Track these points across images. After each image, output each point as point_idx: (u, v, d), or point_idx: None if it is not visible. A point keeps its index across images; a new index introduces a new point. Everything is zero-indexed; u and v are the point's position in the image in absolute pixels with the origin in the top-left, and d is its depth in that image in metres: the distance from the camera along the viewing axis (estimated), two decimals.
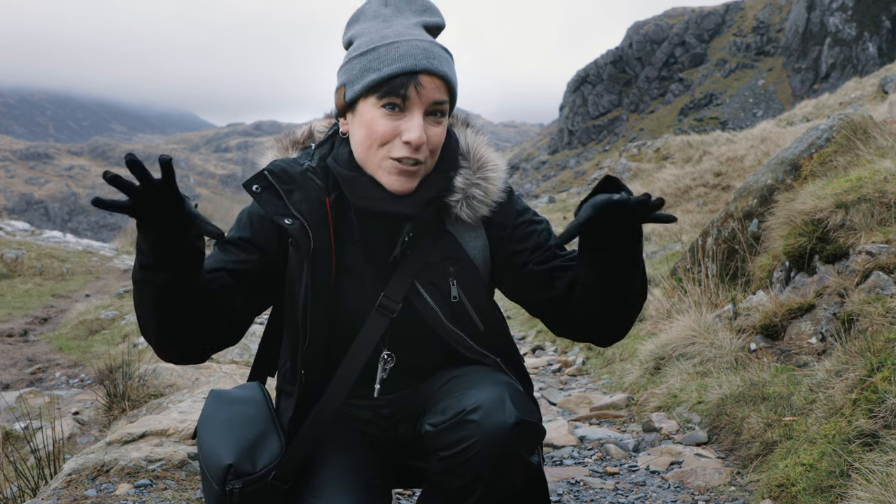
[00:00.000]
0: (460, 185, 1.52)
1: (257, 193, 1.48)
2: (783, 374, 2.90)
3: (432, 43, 1.45)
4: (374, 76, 1.41)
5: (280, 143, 1.63)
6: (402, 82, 1.39)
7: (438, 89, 1.43)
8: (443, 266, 1.52)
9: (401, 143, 1.41)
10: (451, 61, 1.48)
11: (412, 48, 1.41)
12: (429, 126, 1.43)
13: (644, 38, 59.98)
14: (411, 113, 1.41)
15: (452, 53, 1.51)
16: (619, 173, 15.32)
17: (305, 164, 1.51)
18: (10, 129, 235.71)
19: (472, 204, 1.52)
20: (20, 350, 5.92)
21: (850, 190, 3.34)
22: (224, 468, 1.43)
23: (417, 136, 1.40)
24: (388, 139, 1.42)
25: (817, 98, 20.88)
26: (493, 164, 1.55)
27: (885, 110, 8.23)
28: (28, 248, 10.34)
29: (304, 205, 1.47)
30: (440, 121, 1.45)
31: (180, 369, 3.91)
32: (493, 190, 1.54)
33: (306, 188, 1.49)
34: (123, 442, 2.45)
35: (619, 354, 4.66)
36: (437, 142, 1.45)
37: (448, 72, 1.44)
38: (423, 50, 1.42)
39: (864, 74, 30.46)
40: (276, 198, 1.48)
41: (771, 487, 2.18)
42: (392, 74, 1.39)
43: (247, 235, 1.52)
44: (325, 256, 1.50)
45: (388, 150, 1.42)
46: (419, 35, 1.45)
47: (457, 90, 1.48)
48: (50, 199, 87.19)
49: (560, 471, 2.72)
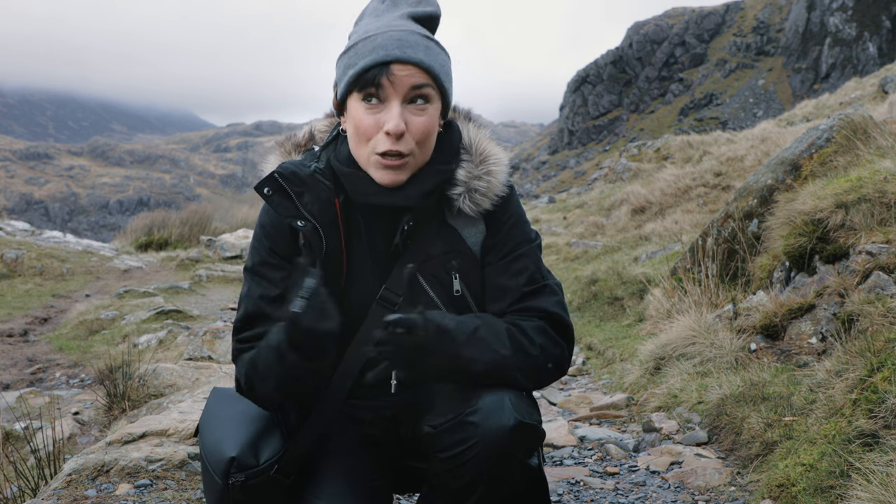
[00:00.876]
0: (462, 178, 1.52)
1: (269, 196, 1.50)
2: (783, 374, 2.90)
3: (410, 32, 1.44)
4: (351, 72, 1.43)
5: (282, 146, 1.63)
6: (374, 74, 1.40)
7: (414, 75, 1.42)
8: (445, 259, 1.53)
9: (383, 135, 1.42)
10: (434, 47, 1.46)
11: (386, 39, 1.42)
12: (410, 114, 1.43)
13: (644, 38, 59.97)
14: (389, 104, 1.42)
15: (439, 41, 1.50)
16: (619, 173, 15.32)
17: (313, 166, 1.52)
18: (10, 129, 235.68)
19: (474, 197, 1.52)
20: (20, 350, 5.93)
21: (851, 190, 3.34)
22: (227, 461, 1.44)
23: (394, 124, 1.40)
24: (371, 133, 1.43)
25: (817, 98, 20.87)
26: (495, 157, 1.56)
27: (885, 110, 8.23)
28: (28, 248, 10.34)
29: (314, 206, 1.49)
30: (423, 108, 1.44)
31: (180, 369, 3.90)
32: (495, 183, 1.54)
33: (316, 190, 1.50)
34: (123, 442, 2.45)
35: (620, 355, 4.66)
36: (421, 130, 1.44)
37: (423, 58, 1.42)
38: (396, 39, 1.42)
39: (864, 74, 30.45)
40: (288, 200, 1.49)
41: (771, 487, 2.18)
42: (365, 67, 1.41)
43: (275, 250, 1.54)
44: (337, 257, 1.51)
45: (373, 144, 1.43)
46: (401, 26, 1.45)
47: (441, 76, 1.46)
48: (50, 199, 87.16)
49: (560, 471, 2.72)
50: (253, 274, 1.55)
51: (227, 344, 4.66)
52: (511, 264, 1.54)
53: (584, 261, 8.55)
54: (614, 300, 6.18)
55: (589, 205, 13.19)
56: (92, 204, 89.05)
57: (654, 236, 8.67)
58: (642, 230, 9.34)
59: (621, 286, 6.25)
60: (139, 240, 13.54)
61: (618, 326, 5.56)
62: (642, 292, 5.72)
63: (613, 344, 4.97)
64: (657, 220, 9.59)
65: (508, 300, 1.53)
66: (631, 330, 5.23)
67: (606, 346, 4.98)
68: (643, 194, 11.13)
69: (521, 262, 1.55)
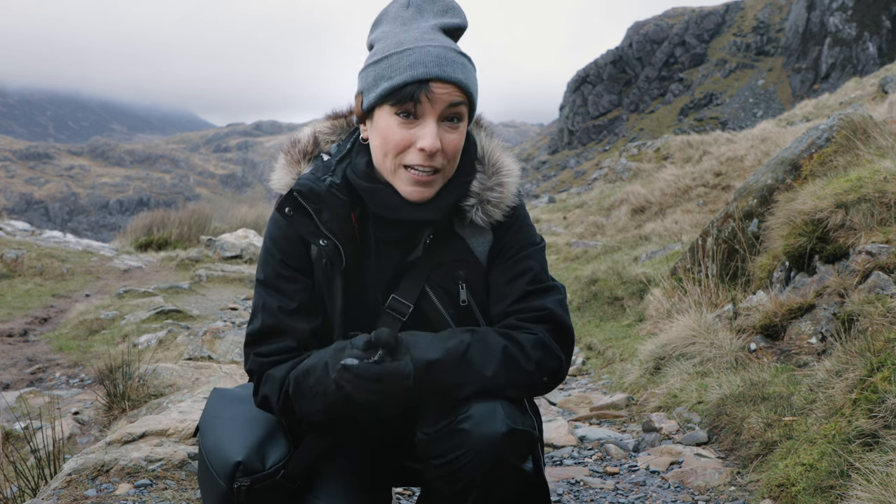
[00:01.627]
0: (476, 190, 1.52)
1: (290, 216, 1.50)
2: (783, 374, 2.90)
3: (446, 48, 1.43)
4: (386, 85, 1.41)
5: (289, 155, 1.61)
6: (412, 90, 1.39)
7: (451, 94, 1.41)
8: (452, 269, 1.53)
9: (416, 150, 1.41)
10: (468, 65, 1.46)
11: (424, 55, 1.40)
12: (444, 132, 1.43)
13: (644, 38, 59.97)
14: (425, 120, 1.41)
15: (470, 56, 1.49)
16: (619, 173, 15.32)
17: (329, 180, 1.51)
18: (10, 129, 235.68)
19: (486, 209, 1.52)
20: (20, 350, 5.92)
21: (850, 190, 3.34)
22: (233, 465, 1.44)
23: (430, 143, 1.40)
24: (402, 147, 1.42)
25: (817, 98, 20.86)
26: (507, 168, 1.56)
27: (885, 110, 8.24)
28: (28, 248, 10.34)
29: (334, 224, 1.49)
30: (456, 126, 1.44)
31: (180, 369, 3.91)
32: (507, 195, 1.54)
33: (333, 206, 1.49)
34: (123, 442, 2.45)
35: (620, 354, 4.66)
36: (453, 148, 1.44)
37: (462, 77, 1.42)
38: (435, 57, 1.41)
39: (864, 74, 30.45)
40: (308, 218, 1.49)
41: (771, 487, 2.18)
42: (403, 83, 1.39)
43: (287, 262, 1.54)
44: (355, 270, 1.52)
45: (403, 157, 1.43)
46: (434, 40, 1.43)
47: (475, 94, 1.47)
48: (50, 199, 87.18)
49: (560, 471, 2.72)
50: (266, 286, 1.55)
51: (227, 344, 4.66)
52: (516, 265, 1.55)
53: (584, 261, 8.55)
54: (614, 300, 6.18)
55: (589, 205, 13.20)
56: (92, 204, 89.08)
57: (654, 236, 8.67)
58: (642, 230, 9.34)
59: (621, 286, 6.25)
60: (139, 240, 13.53)
61: (618, 326, 5.56)
62: (642, 292, 5.73)
63: (613, 344, 4.97)
64: (657, 220, 9.59)
65: (511, 298, 1.53)
66: (631, 330, 5.23)
67: (606, 346, 4.98)
68: (643, 194, 11.13)
69: (526, 263, 1.55)
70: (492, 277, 1.56)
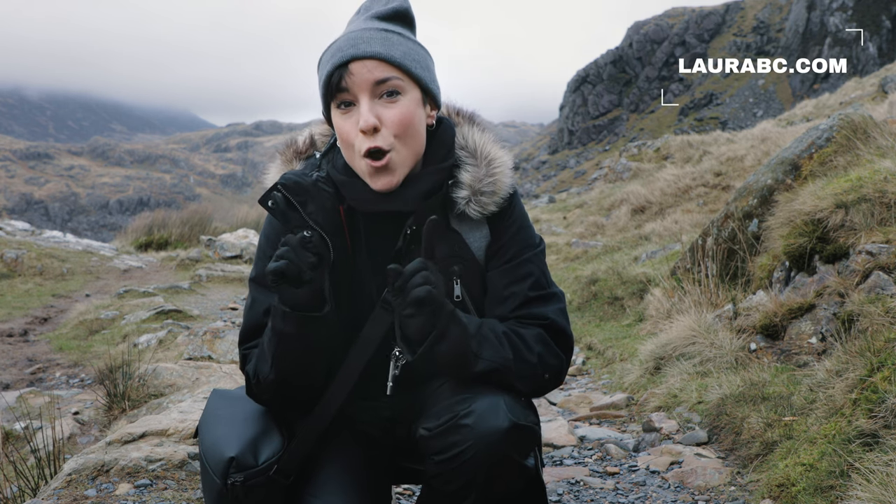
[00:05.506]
0: (468, 182, 1.52)
1: (273, 208, 1.49)
2: (783, 374, 2.90)
3: (366, 29, 1.43)
4: (320, 84, 1.44)
5: (283, 155, 1.62)
6: (336, 78, 1.40)
7: (374, 69, 1.39)
8: (446, 264, 1.52)
9: (360, 135, 1.41)
10: (394, 37, 1.43)
11: (343, 42, 1.42)
12: (381, 108, 1.41)
13: (644, 38, 59.96)
14: (359, 103, 1.41)
15: (405, 31, 1.46)
16: (619, 173, 15.32)
17: (315, 175, 1.51)
18: (10, 129, 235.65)
19: (479, 200, 1.52)
20: (20, 350, 5.92)
21: (850, 190, 3.34)
22: (226, 461, 1.44)
23: (364, 119, 1.39)
24: (351, 138, 1.42)
25: (817, 98, 20.86)
26: (500, 161, 1.56)
27: (885, 110, 8.23)
28: (28, 248, 10.34)
29: (319, 215, 1.48)
30: (394, 100, 1.42)
31: (180, 369, 3.90)
32: (500, 186, 1.54)
33: (320, 199, 1.48)
34: (123, 442, 2.45)
35: (620, 354, 4.66)
36: (395, 121, 1.41)
37: (381, 50, 1.40)
38: (352, 39, 1.41)
39: (864, 74, 30.44)
40: (292, 210, 1.48)
41: (771, 487, 2.18)
42: (328, 74, 1.41)
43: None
44: (344, 264, 1.52)
45: (355, 148, 1.43)
46: (360, 26, 1.44)
47: (407, 63, 1.43)
48: (50, 199, 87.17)
49: (560, 471, 2.72)
50: (258, 284, 1.56)
51: (227, 344, 4.66)
52: (516, 269, 1.54)
53: (584, 261, 8.55)
54: (614, 300, 6.18)
55: (589, 205, 13.20)
56: (92, 204, 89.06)
57: (654, 236, 8.67)
58: (642, 230, 9.34)
59: (621, 286, 6.25)
60: (139, 240, 13.53)
61: (618, 326, 5.56)
62: (642, 292, 5.73)
63: (613, 344, 4.97)
64: (657, 220, 9.59)
65: (512, 305, 1.52)
66: (631, 330, 5.23)
67: (606, 346, 4.98)
68: (643, 194, 11.14)
69: (527, 268, 1.55)
70: (490, 279, 1.56)
